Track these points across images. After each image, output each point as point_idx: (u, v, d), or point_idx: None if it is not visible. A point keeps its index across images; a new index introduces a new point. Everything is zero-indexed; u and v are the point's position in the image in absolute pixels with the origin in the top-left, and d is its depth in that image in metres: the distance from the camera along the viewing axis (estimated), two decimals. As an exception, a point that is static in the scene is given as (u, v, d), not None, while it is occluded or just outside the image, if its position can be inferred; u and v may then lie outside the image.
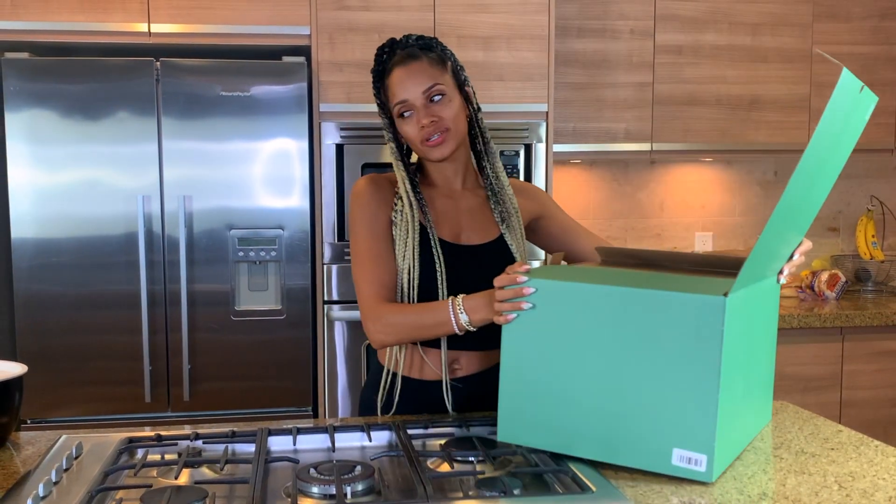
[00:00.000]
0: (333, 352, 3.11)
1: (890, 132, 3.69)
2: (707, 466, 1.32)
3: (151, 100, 2.92)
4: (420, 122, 1.73)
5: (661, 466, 1.35)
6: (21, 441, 1.64)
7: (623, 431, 1.37)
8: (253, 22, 3.03)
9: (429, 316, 1.65)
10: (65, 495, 1.33)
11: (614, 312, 1.36)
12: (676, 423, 1.33)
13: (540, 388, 1.44)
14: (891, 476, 1.38)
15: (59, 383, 2.97)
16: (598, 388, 1.39)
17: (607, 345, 1.37)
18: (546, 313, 1.43)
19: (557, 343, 1.42)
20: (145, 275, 2.94)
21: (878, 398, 3.43)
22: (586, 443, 1.41)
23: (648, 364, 1.34)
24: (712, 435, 1.31)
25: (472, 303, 1.61)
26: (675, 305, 1.31)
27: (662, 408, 1.34)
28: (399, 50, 1.77)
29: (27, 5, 2.93)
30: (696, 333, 1.30)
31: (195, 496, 1.30)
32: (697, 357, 1.30)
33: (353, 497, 1.34)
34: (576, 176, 3.85)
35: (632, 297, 1.35)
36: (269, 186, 3.00)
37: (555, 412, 1.43)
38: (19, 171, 2.90)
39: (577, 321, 1.40)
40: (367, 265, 1.76)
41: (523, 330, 1.45)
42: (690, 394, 1.32)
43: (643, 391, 1.35)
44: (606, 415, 1.38)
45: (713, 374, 1.30)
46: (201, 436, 1.61)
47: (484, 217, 1.87)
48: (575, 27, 3.45)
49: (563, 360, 1.41)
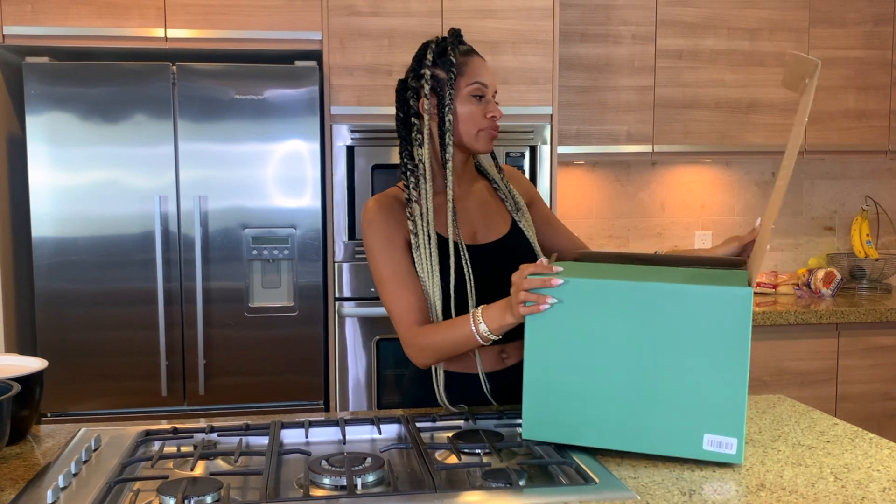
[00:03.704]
0: (344, 347, 3.17)
1: (884, 134, 3.74)
2: (737, 449, 1.40)
3: (168, 103, 2.98)
4: (491, 112, 1.77)
5: (692, 452, 1.42)
6: (41, 434, 1.66)
7: (653, 421, 1.42)
8: (266, 27, 3.09)
9: (456, 333, 1.64)
10: (84, 486, 1.34)
11: (642, 307, 1.41)
12: (706, 410, 1.40)
13: (566, 385, 1.46)
14: (885, 468, 1.41)
15: (78, 378, 3.03)
16: (626, 380, 1.43)
17: (635, 339, 1.42)
18: (571, 310, 1.44)
19: (583, 339, 1.44)
20: (162, 272, 3.00)
21: (872, 392, 3.46)
22: (615, 435, 1.44)
23: (677, 355, 1.40)
24: (742, 418, 1.39)
25: (490, 312, 1.59)
26: (703, 298, 1.38)
27: (692, 396, 1.40)
28: (461, 44, 1.80)
29: (48, 11, 2.99)
30: (724, 323, 1.38)
31: (210, 487, 1.31)
32: (726, 345, 1.38)
33: (363, 488, 1.35)
34: (579, 177, 3.91)
35: (660, 291, 1.40)
36: (281, 187, 3.06)
37: (582, 407, 1.45)
38: (40, 172, 2.95)
39: (604, 317, 1.43)
40: (394, 291, 1.73)
41: (548, 327, 1.46)
42: (720, 380, 1.39)
43: (672, 381, 1.41)
44: (635, 406, 1.43)
45: (742, 360, 1.38)
46: (216, 429, 1.62)
47: (491, 211, 1.88)
48: (578, 32, 3.50)
49: (589, 356, 1.44)
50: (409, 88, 1.80)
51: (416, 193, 1.76)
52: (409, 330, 1.71)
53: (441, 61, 1.77)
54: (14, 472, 1.44)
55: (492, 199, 1.91)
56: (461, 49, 1.79)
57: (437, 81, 1.76)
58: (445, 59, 1.77)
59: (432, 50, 1.78)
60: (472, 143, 1.78)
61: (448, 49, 1.77)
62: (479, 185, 1.91)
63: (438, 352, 1.68)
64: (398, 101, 1.82)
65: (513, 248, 1.84)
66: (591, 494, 1.28)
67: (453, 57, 1.76)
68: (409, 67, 1.82)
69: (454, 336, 1.64)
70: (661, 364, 1.41)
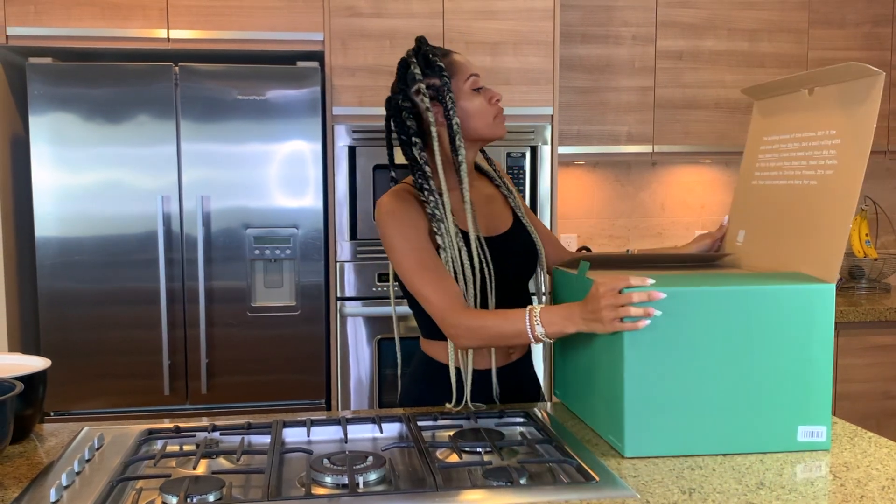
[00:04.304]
0: (346, 346, 3.19)
1: (883, 135, 3.75)
2: (826, 436, 1.48)
3: (170, 103, 3.00)
4: (495, 96, 1.79)
5: (787, 445, 1.49)
6: (45, 433, 1.66)
7: (749, 421, 1.48)
8: (268, 28, 3.10)
9: (507, 325, 1.61)
10: (87, 485, 1.35)
11: (733, 311, 1.45)
12: (798, 403, 1.47)
13: (670, 397, 1.47)
14: (883, 466, 1.41)
15: (81, 377, 3.04)
16: (720, 385, 1.47)
17: (729, 343, 1.46)
18: (666, 320, 1.45)
19: (682, 349, 1.46)
20: (164, 272, 3.01)
21: (871, 391, 3.48)
22: (716, 440, 1.48)
23: (768, 353, 1.47)
24: (828, 406, 1.47)
25: (550, 316, 1.58)
26: (789, 297, 1.46)
27: (784, 391, 1.47)
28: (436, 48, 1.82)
29: (51, 12, 3.01)
30: (810, 318, 1.46)
31: (212, 486, 1.31)
32: (813, 339, 1.47)
33: (365, 486, 1.36)
34: (580, 177, 3.93)
35: (749, 294, 1.46)
36: (283, 187, 3.08)
37: (682, 417, 1.47)
38: (43, 172, 2.96)
39: (699, 324, 1.45)
40: (428, 277, 1.70)
41: (648, 341, 1.45)
42: (809, 372, 1.47)
43: (766, 379, 1.47)
44: (734, 409, 1.47)
45: (827, 351, 1.46)
46: (218, 427, 1.63)
47: (495, 206, 1.92)
48: (579, 33, 3.52)
49: (689, 365, 1.46)
50: (403, 110, 1.79)
51: (433, 199, 1.75)
52: (455, 310, 1.66)
53: (430, 70, 1.78)
54: (18, 471, 1.44)
55: (494, 194, 1.95)
56: (439, 52, 1.81)
57: (434, 90, 1.77)
58: (433, 66, 1.77)
59: (415, 64, 1.78)
60: (491, 131, 1.80)
61: (430, 56, 1.79)
62: (479, 181, 1.95)
63: (485, 338, 1.65)
64: (396, 125, 1.81)
65: (519, 239, 1.88)
66: (591, 493, 1.29)
67: (440, 62, 1.78)
68: (395, 89, 1.82)
69: (506, 328, 1.62)
70: (754, 364, 1.47)
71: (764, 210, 1.74)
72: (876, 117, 1.44)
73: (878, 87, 1.44)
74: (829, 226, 1.51)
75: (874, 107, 1.45)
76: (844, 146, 1.51)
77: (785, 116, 1.73)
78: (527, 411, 1.74)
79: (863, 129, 1.47)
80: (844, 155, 1.51)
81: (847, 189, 1.48)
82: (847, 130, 1.51)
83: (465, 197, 1.77)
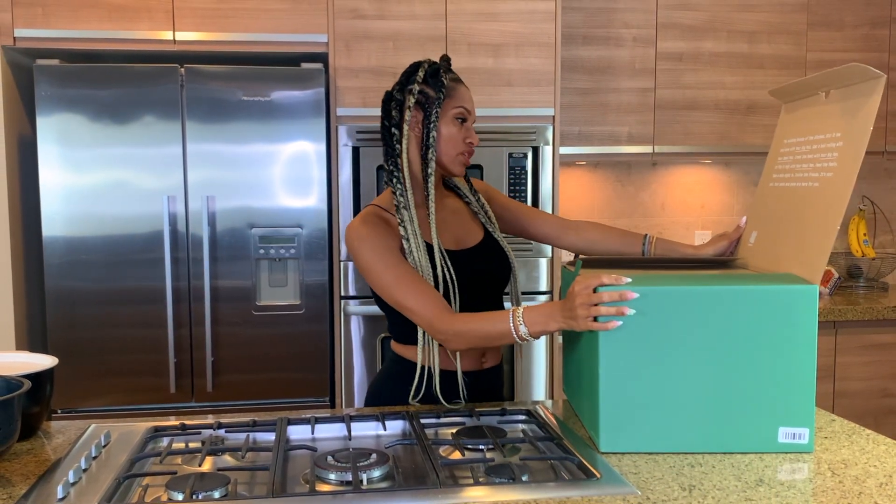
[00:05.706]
0: (350, 345, 3.21)
1: (881, 135, 3.77)
2: (809, 438, 1.46)
3: (176, 104, 3.02)
4: (470, 138, 1.84)
5: (768, 446, 1.47)
6: (52, 430, 1.67)
7: (729, 421, 1.47)
8: (273, 30, 3.13)
9: (492, 325, 1.65)
10: (93, 482, 1.36)
11: (713, 311, 1.45)
12: (779, 404, 1.46)
13: (645, 394, 1.47)
14: (881, 463, 1.42)
15: (88, 375, 3.06)
16: (702, 384, 1.46)
17: (708, 342, 1.45)
18: (644, 319, 1.45)
19: (659, 347, 1.46)
20: (170, 271, 3.03)
21: (869, 389, 3.50)
22: (693, 438, 1.48)
23: (749, 354, 1.45)
24: (811, 409, 1.45)
25: (533, 316, 1.61)
26: (768, 298, 1.44)
27: (765, 392, 1.46)
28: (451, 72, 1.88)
29: (58, 14, 3.03)
30: (793, 319, 1.44)
31: (218, 483, 1.32)
32: (795, 340, 1.45)
33: (368, 483, 1.37)
34: (581, 177, 3.95)
35: (729, 294, 1.45)
36: (288, 187, 3.10)
37: (660, 415, 1.47)
38: (50, 172, 2.99)
39: (677, 324, 1.45)
40: (408, 289, 1.73)
41: (623, 339, 1.46)
42: (791, 374, 1.45)
43: (746, 379, 1.46)
44: (712, 408, 1.47)
45: (810, 352, 1.45)
46: (224, 425, 1.64)
47: (465, 221, 1.97)
48: (580, 35, 3.54)
49: (665, 364, 1.46)
50: (393, 100, 1.85)
51: (403, 200, 1.81)
52: (440, 317, 1.70)
53: (432, 81, 1.83)
54: (25, 468, 1.46)
55: (463, 210, 2.00)
56: (451, 76, 1.86)
57: (425, 97, 1.83)
58: (437, 80, 1.83)
59: (424, 69, 1.85)
60: (449, 164, 1.86)
61: (440, 71, 1.84)
62: (449, 199, 2.00)
63: (473, 340, 1.68)
64: (383, 112, 1.88)
65: (490, 252, 1.93)
66: (592, 489, 1.30)
67: (444, 79, 1.83)
68: (398, 81, 1.88)
69: (490, 330, 1.65)
70: (734, 364, 1.46)
71: (773, 212, 1.73)
72: (874, 120, 1.45)
73: (879, 89, 1.44)
74: (820, 227, 1.51)
75: (873, 109, 1.45)
76: (845, 149, 1.51)
77: (803, 119, 1.73)
78: (528, 409, 1.76)
79: (861, 132, 1.47)
80: (844, 157, 1.51)
81: (839, 191, 1.48)
82: (849, 133, 1.50)
83: (431, 209, 1.82)
